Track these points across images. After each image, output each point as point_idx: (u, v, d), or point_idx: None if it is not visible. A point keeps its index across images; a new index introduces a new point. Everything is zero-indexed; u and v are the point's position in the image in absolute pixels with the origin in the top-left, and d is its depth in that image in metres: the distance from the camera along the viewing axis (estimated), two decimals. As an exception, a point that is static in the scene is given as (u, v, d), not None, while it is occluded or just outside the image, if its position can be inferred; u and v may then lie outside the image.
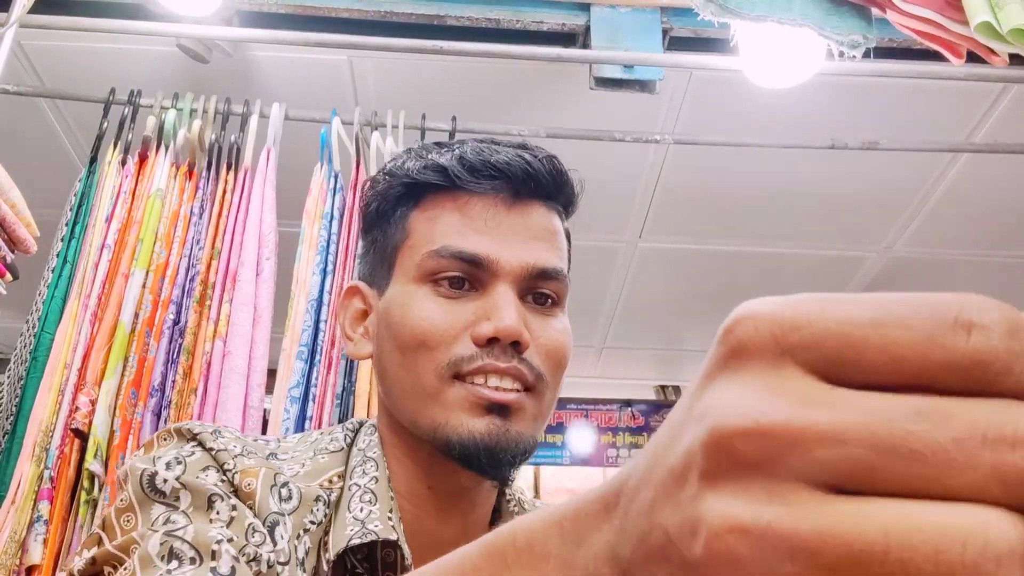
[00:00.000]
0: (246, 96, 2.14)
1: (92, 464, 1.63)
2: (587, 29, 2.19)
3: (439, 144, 0.71)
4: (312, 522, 0.61)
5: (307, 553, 0.60)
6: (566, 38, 2.26)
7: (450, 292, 0.65)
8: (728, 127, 2.52)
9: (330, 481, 0.65)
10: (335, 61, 2.41)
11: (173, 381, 1.76)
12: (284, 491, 0.60)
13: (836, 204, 3.03)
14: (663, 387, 4.75)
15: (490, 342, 0.63)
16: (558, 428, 4.36)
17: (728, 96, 2.47)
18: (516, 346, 0.64)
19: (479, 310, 0.64)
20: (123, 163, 2.00)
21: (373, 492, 0.64)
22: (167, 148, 2.01)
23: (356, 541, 0.59)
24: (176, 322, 1.80)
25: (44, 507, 1.60)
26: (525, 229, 0.67)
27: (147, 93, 2.11)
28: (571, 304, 0.72)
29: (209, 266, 1.88)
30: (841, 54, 1.78)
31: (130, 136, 2.05)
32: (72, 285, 1.84)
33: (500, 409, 0.63)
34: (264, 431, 1.77)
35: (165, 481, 0.56)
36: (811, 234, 3.20)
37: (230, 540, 0.53)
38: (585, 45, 2.21)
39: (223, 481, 0.58)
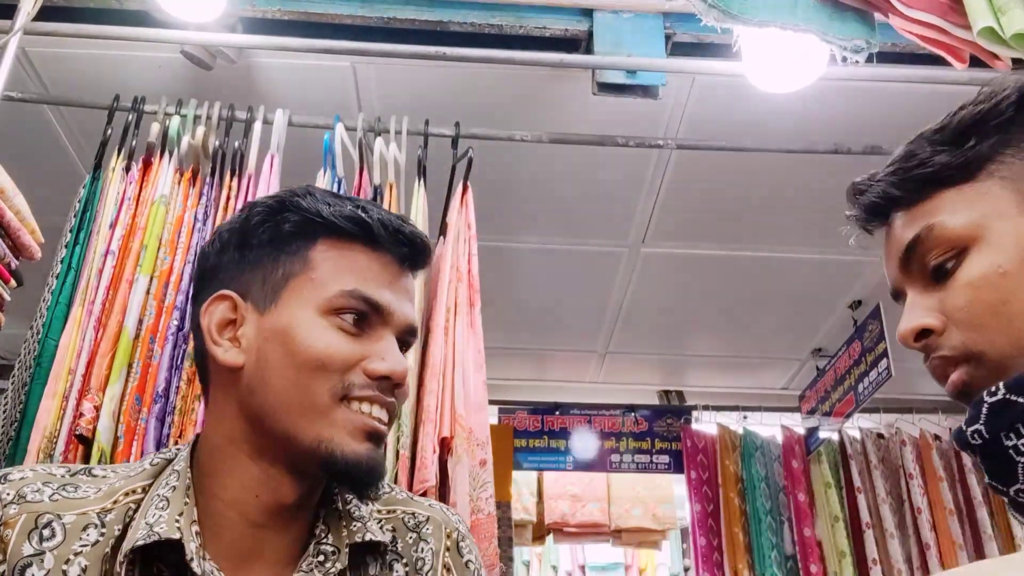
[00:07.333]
0: (249, 102, 2.14)
1: (96, 470, 1.63)
2: (590, 35, 2.20)
3: (334, 195, 0.82)
4: (84, 545, 0.71)
5: (84, 570, 0.71)
6: (569, 44, 2.26)
7: (352, 328, 0.77)
8: (731, 132, 2.52)
9: (115, 501, 0.75)
10: (338, 67, 2.42)
11: (177, 387, 1.76)
12: (47, 531, 0.72)
13: (840, 209, 2.99)
14: (666, 392, 4.74)
15: (379, 379, 0.76)
16: (561, 433, 4.34)
17: (731, 101, 2.47)
18: (395, 387, 0.78)
19: (369, 350, 0.77)
20: (127, 169, 2.00)
21: (167, 499, 0.74)
22: (171, 154, 2.02)
23: (141, 542, 0.70)
24: (180, 328, 1.80)
25: (48, 513, 1.60)
26: (406, 292, 0.82)
27: (151, 100, 2.11)
28: (574, 309, 0.74)
29: (213, 272, 1.88)
30: (844, 59, 1.78)
31: (134, 143, 2.06)
32: (76, 291, 1.84)
33: (376, 437, 0.76)
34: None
35: None
36: (814, 239, 3.19)
37: None
38: (588, 51, 2.21)
39: None
